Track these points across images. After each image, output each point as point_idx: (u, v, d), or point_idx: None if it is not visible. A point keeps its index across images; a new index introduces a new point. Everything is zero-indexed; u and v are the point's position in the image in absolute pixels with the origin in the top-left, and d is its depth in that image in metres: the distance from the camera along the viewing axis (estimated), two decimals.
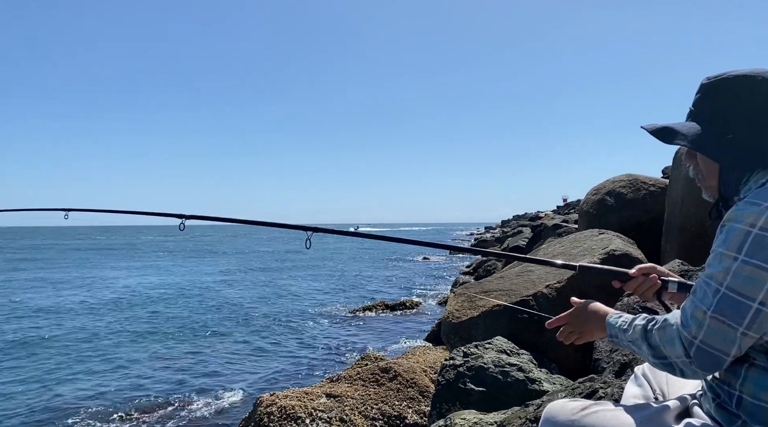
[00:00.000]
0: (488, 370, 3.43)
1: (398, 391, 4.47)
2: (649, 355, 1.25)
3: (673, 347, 1.18)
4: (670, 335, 1.19)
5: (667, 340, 1.20)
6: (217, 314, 12.34)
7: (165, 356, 8.24)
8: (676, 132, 1.33)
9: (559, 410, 1.39)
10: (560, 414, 1.37)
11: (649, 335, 1.25)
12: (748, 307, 1.09)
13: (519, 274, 5.20)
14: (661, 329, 1.22)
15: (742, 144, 1.25)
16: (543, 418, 1.42)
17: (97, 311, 12.82)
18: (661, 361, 1.22)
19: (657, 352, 1.22)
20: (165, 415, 5.58)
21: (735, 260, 1.11)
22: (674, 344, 1.17)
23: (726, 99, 1.28)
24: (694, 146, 1.30)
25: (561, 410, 1.38)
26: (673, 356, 1.18)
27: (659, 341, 1.21)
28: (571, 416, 1.35)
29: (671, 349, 1.18)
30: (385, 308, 12.38)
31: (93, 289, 17.10)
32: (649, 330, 1.25)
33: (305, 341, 9.26)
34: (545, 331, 4.51)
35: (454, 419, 2.72)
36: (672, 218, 6.15)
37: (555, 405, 1.42)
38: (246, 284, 18.59)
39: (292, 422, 3.98)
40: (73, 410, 5.79)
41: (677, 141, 1.32)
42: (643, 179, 8.24)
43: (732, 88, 1.28)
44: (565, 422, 1.35)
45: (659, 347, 1.21)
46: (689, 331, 1.15)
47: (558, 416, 1.37)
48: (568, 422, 1.34)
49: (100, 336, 9.84)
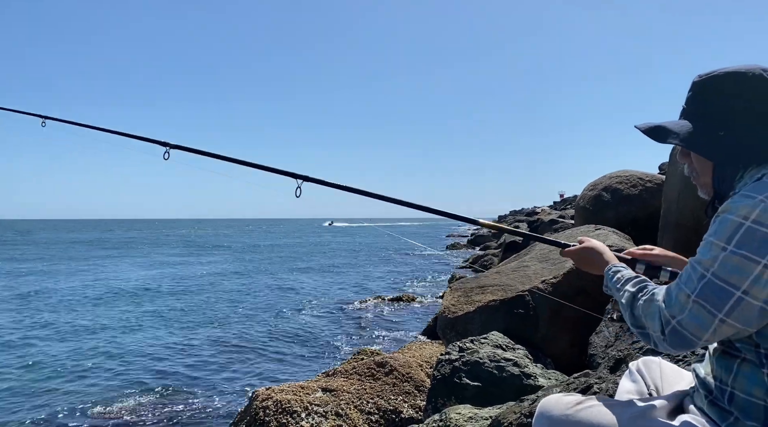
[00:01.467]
0: (484, 365, 3.44)
1: (394, 385, 4.48)
2: (630, 321, 1.30)
3: (653, 321, 1.21)
4: (653, 310, 1.22)
5: (649, 313, 1.23)
6: (213, 307, 12.34)
7: (160, 349, 8.23)
8: (669, 131, 1.33)
9: (553, 404, 1.39)
10: (555, 409, 1.37)
11: (634, 303, 1.29)
12: (730, 294, 1.10)
13: (515, 269, 5.21)
14: (646, 302, 1.25)
15: (734, 141, 1.25)
16: (537, 412, 1.42)
17: (95, 302, 12.82)
18: (638, 329, 1.27)
19: (637, 321, 1.27)
20: (160, 408, 5.58)
21: (724, 249, 1.12)
22: (654, 319, 1.21)
23: (717, 96, 1.28)
24: (687, 145, 1.30)
25: (556, 405, 1.38)
26: (651, 329, 1.23)
27: (642, 312, 1.26)
28: (565, 410, 1.35)
29: (651, 322, 1.22)
30: (381, 302, 12.40)
31: (92, 280, 17.08)
32: (636, 299, 1.29)
33: (301, 335, 9.27)
34: (541, 327, 4.53)
35: (449, 413, 2.73)
36: (668, 214, 6.16)
37: (550, 400, 1.42)
38: (243, 277, 18.59)
39: (287, 416, 3.98)
40: (64, 402, 5.78)
41: (670, 140, 1.32)
42: (640, 175, 8.26)
43: (723, 85, 1.28)
44: (559, 416, 1.35)
45: (640, 318, 1.26)
46: (670, 311, 1.18)
47: (553, 410, 1.37)
48: (563, 416, 1.34)
49: (96, 328, 9.83)
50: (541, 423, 1.38)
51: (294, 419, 3.96)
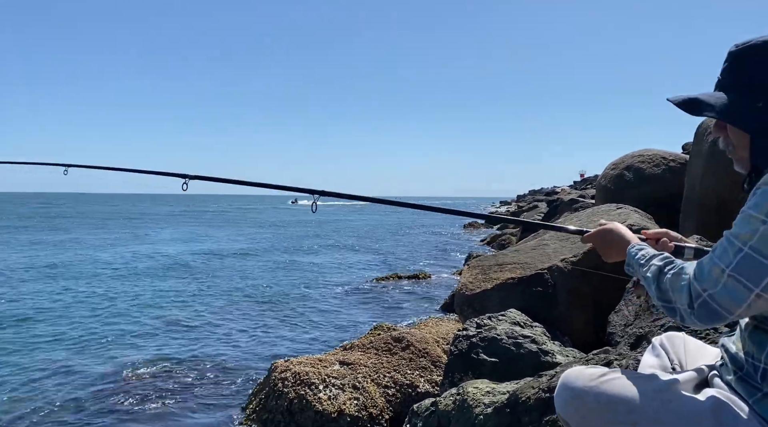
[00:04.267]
0: (501, 341, 3.45)
1: (410, 360, 4.52)
2: (656, 295, 1.29)
3: (681, 294, 1.20)
4: (681, 284, 1.21)
5: (677, 287, 1.22)
6: (231, 282, 12.51)
7: (179, 323, 8.38)
8: (704, 103, 1.28)
9: (576, 375, 1.38)
10: (578, 380, 1.36)
11: (661, 277, 1.27)
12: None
13: (534, 247, 5.19)
14: (675, 276, 1.24)
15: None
16: (560, 383, 1.41)
17: (113, 276, 13.07)
18: (665, 303, 1.26)
19: (664, 295, 1.26)
20: (178, 379, 5.69)
21: (764, 222, 1.09)
22: (682, 292, 1.20)
23: (754, 66, 1.24)
24: (723, 117, 1.26)
25: (579, 376, 1.37)
26: (678, 303, 1.21)
27: (669, 286, 1.24)
28: (589, 382, 1.34)
29: (678, 296, 1.21)
30: (398, 280, 12.46)
31: (112, 253, 17.41)
32: (663, 273, 1.28)
33: (319, 310, 9.36)
34: (558, 304, 4.53)
35: (466, 387, 2.75)
36: (691, 194, 6.07)
37: (572, 371, 1.41)
38: (261, 254, 18.78)
39: (306, 387, 4.05)
40: (88, 374, 5.93)
41: (705, 112, 1.28)
42: (663, 155, 8.13)
43: (760, 55, 1.23)
44: (582, 388, 1.33)
45: (668, 292, 1.25)
46: (701, 284, 1.16)
47: (576, 382, 1.36)
48: (586, 388, 1.33)
49: (107, 302, 10.02)
50: (564, 395, 1.37)
51: (312, 391, 4.02)
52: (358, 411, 3.97)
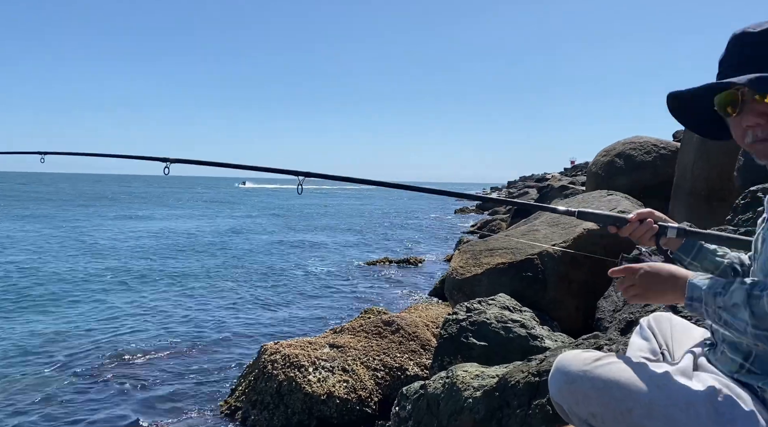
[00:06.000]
0: (491, 325, 3.46)
1: (400, 344, 4.54)
2: (750, 323, 1.10)
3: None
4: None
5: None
6: (223, 263, 12.48)
7: (168, 303, 8.36)
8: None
9: (571, 359, 1.36)
10: (573, 364, 1.34)
11: (754, 301, 1.09)
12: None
13: (525, 233, 5.20)
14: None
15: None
16: (555, 367, 1.39)
17: (101, 255, 12.97)
18: (765, 332, 1.09)
19: (763, 322, 1.08)
20: (169, 361, 5.69)
21: None
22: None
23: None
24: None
25: (573, 360, 1.35)
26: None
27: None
28: (583, 366, 1.32)
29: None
30: (389, 264, 12.49)
31: (92, 237, 17.29)
32: (755, 296, 1.10)
33: (309, 293, 9.38)
34: (548, 289, 4.55)
35: (456, 370, 2.76)
36: (681, 182, 6.10)
37: (567, 355, 1.39)
38: (252, 235, 18.73)
39: (295, 370, 4.06)
40: (74, 352, 5.91)
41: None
42: (654, 142, 8.15)
43: None
44: (577, 372, 1.31)
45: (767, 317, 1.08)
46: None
47: (570, 366, 1.34)
48: (581, 372, 1.31)
49: (94, 281, 9.95)
50: (558, 379, 1.36)
51: (301, 373, 4.03)
52: (348, 394, 3.98)
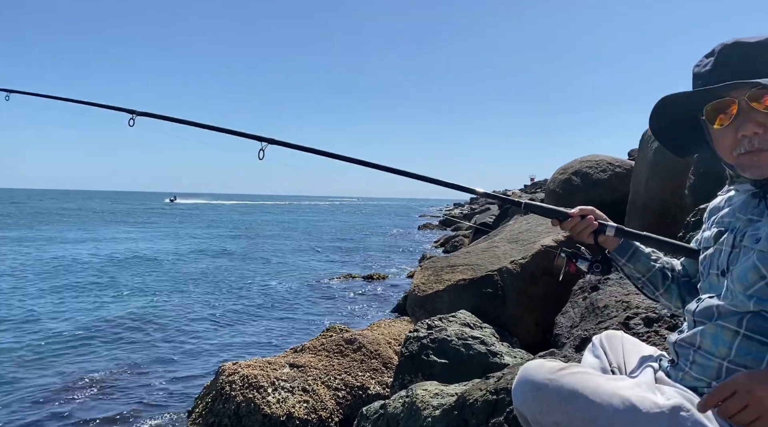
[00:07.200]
0: (451, 342, 3.46)
1: (362, 362, 4.50)
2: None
3: None
4: None
5: None
6: (179, 280, 12.20)
7: (122, 322, 8.10)
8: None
9: (536, 368, 1.35)
10: (538, 373, 1.33)
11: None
12: None
13: (485, 249, 5.25)
14: None
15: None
16: (519, 377, 1.38)
17: (54, 273, 12.53)
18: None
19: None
20: (122, 381, 5.50)
21: None
22: None
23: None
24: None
25: (539, 368, 1.34)
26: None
27: None
28: (548, 374, 1.31)
29: None
30: (352, 280, 12.43)
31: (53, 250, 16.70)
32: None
33: (269, 311, 9.23)
34: (507, 306, 4.59)
35: (415, 389, 2.75)
36: (636, 198, 6.28)
37: (532, 364, 1.38)
38: (213, 251, 18.40)
39: (254, 391, 3.97)
40: (21, 384, 5.65)
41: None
42: (610, 160, 8.38)
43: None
44: (542, 380, 1.30)
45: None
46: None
47: (536, 375, 1.33)
48: (546, 380, 1.30)
49: (45, 298, 9.62)
50: (523, 387, 1.35)
51: (260, 394, 3.95)
52: (308, 414, 3.91)
